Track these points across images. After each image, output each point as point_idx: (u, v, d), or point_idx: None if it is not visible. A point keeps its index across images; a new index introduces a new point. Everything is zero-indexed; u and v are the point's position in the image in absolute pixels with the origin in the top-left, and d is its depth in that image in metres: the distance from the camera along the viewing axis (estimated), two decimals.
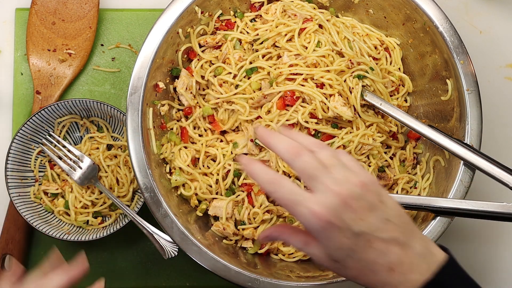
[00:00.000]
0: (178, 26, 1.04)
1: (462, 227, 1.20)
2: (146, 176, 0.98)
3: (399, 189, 1.09)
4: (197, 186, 1.05)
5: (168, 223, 0.97)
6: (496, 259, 1.21)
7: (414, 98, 1.13)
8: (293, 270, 1.02)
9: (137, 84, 1.00)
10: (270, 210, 1.04)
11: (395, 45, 1.12)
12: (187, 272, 1.16)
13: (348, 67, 1.02)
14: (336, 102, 1.01)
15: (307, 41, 1.04)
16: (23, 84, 1.18)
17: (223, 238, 1.06)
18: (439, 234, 0.98)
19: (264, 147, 1.03)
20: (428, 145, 1.10)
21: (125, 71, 1.20)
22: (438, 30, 1.04)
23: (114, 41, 1.21)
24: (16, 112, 1.17)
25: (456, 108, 1.04)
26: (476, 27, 1.26)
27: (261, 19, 1.10)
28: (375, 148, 1.05)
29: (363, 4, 1.11)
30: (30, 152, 1.12)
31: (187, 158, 1.05)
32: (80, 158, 1.11)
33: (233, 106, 1.05)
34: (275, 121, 1.02)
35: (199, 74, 1.08)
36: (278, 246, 1.06)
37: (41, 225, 1.08)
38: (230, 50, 1.07)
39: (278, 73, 1.03)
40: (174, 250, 1.00)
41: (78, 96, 1.19)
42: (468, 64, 1.02)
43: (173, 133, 1.06)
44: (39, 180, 1.13)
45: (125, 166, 1.13)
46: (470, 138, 1.01)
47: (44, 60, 1.17)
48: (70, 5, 1.18)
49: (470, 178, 1.00)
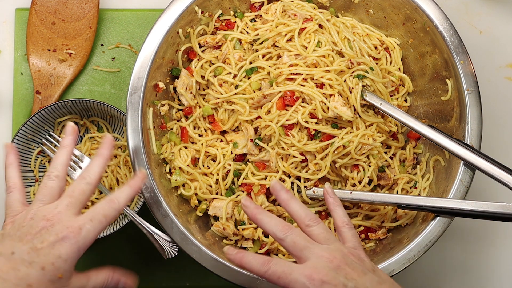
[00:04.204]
0: (178, 26, 1.04)
1: (462, 227, 1.21)
2: (146, 176, 0.98)
3: (399, 189, 1.09)
4: (197, 186, 1.05)
5: (168, 223, 0.97)
6: (496, 259, 1.21)
7: (414, 98, 1.13)
8: None
9: (137, 84, 1.00)
10: (270, 210, 1.04)
11: (395, 45, 1.12)
12: (187, 272, 1.16)
13: (348, 67, 1.02)
14: (336, 102, 1.01)
15: (307, 41, 1.04)
16: (23, 84, 1.18)
17: (223, 238, 1.06)
18: (439, 234, 0.98)
19: (264, 147, 1.03)
20: (428, 145, 1.10)
21: (125, 71, 1.20)
22: (438, 30, 1.04)
23: (114, 41, 1.21)
24: (16, 112, 1.17)
25: (456, 108, 1.04)
26: (476, 27, 1.26)
27: (261, 19, 1.10)
28: (375, 148, 1.05)
29: (363, 4, 1.11)
30: (30, 152, 1.12)
31: (187, 158, 1.05)
32: (80, 158, 1.11)
33: (233, 106, 1.05)
34: (275, 121, 1.02)
35: (199, 74, 1.08)
36: (278, 246, 1.06)
37: None
38: (230, 50, 1.07)
39: (278, 73, 1.03)
40: (174, 250, 1.00)
41: (78, 96, 1.19)
42: (468, 64, 1.03)
43: (173, 133, 1.06)
44: (39, 180, 1.13)
45: (125, 166, 1.13)
46: (470, 138, 1.01)
47: (44, 60, 1.17)
48: (70, 5, 1.18)
49: (470, 178, 1.00)
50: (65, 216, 0.81)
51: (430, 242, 0.98)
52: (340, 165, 1.03)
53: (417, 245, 0.98)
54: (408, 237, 1.01)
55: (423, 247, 0.97)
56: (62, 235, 0.79)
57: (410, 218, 1.05)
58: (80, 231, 0.80)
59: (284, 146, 1.02)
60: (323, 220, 1.07)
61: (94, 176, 0.86)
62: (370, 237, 1.07)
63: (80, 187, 0.85)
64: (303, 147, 1.01)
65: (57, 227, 0.80)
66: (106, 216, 0.83)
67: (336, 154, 1.02)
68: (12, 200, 0.86)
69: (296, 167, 1.03)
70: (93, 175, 0.86)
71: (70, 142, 0.90)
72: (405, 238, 1.01)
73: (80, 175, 0.86)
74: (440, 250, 1.19)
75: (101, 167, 0.88)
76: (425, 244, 0.98)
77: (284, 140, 1.02)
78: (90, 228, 0.81)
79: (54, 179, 0.86)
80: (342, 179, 1.07)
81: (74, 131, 0.91)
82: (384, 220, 1.07)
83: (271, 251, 1.06)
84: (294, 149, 1.02)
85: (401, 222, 1.06)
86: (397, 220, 1.07)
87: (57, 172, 0.86)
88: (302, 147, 1.01)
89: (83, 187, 0.85)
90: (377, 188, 1.09)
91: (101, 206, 0.84)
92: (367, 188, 1.06)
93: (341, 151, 1.02)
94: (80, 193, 0.84)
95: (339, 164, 1.03)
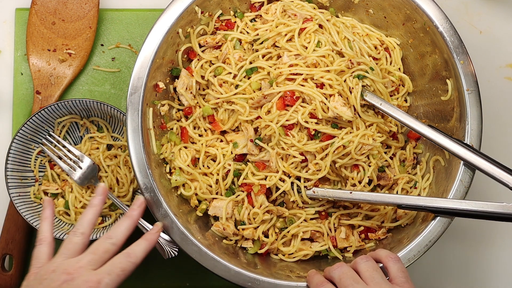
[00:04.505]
0: (178, 26, 1.04)
1: (462, 227, 1.21)
2: (146, 176, 0.98)
3: (399, 189, 1.09)
4: (197, 186, 1.05)
5: (168, 223, 0.97)
6: (496, 259, 1.21)
7: (414, 98, 1.13)
8: (293, 270, 1.02)
9: (137, 84, 1.00)
10: (270, 210, 1.04)
11: (395, 45, 1.12)
12: (187, 272, 1.16)
13: (348, 67, 1.02)
14: (336, 102, 1.01)
15: (307, 41, 1.04)
16: (23, 84, 1.18)
17: (223, 238, 1.06)
18: (439, 234, 0.98)
19: (264, 147, 1.03)
20: (428, 145, 1.10)
21: (125, 71, 1.20)
22: (438, 30, 1.04)
23: (114, 41, 1.21)
24: (16, 112, 1.17)
25: (456, 108, 1.04)
26: (476, 27, 1.26)
27: (261, 19, 1.10)
28: (375, 148, 1.05)
29: (363, 4, 1.11)
30: (30, 152, 1.12)
31: (187, 158, 1.05)
32: (80, 158, 1.11)
33: (233, 106, 1.05)
34: (275, 121, 1.02)
35: (199, 74, 1.08)
36: (278, 246, 1.06)
37: None
38: (230, 50, 1.07)
39: (278, 73, 1.03)
40: (174, 250, 1.00)
41: (78, 96, 1.19)
42: (468, 64, 1.02)
43: (173, 133, 1.06)
44: (39, 180, 1.13)
45: (125, 166, 1.13)
46: (470, 138, 1.01)
47: (44, 60, 1.17)
48: (70, 5, 1.18)
49: (470, 178, 1.00)
50: (85, 271, 0.84)
51: (430, 242, 0.98)
52: (340, 165, 1.03)
53: (417, 245, 0.98)
54: (408, 237, 1.01)
55: (423, 247, 0.97)
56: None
57: (410, 218, 1.05)
58: (99, 285, 0.83)
59: (284, 146, 1.02)
60: (323, 220, 1.07)
61: (121, 237, 0.90)
62: (370, 237, 1.07)
63: (105, 245, 0.88)
64: (303, 147, 1.01)
65: (77, 282, 0.83)
66: (124, 270, 0.86)
67: (336, 154, 1.02)
68: (40, 252, 0.89)
69: (296, 167, 1.03)
70: (119, 236, 0.90)
71: (99, 202, 0.94)
72: (405, 238, 1.01)
73: (107, 234, 0.90)
74: (440, 250, 1.19)
75: (128, 230, 0.91)
76: (425, 244, 0.98)
77: (284, 140, 1.02)
78: (109, 282, 0.84)
79: (80, 236, 0.89)
80: (342, 179, 1.07)
81: (104, 192, 0.94)
82: (384, 220, 1.07)
83: (271, 251, 1.06)
84: (294, 149, 1.02)
85: (401, 222, 1.06)
86: (397, 220, 1.07)
87: (83, 230, 0.90)
88: (302, 147, 1.01)
89: (108, 246, 0.88)
90: (377, 188, 1.09)
91: (119, 260, 0.87)
92: (367, 188, 1.06)
93: (341, 151, 1.02)
94: (103, 251, 0.88)
95: (339, 164, 1.03)
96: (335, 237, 1.06)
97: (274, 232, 1.06)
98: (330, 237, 1.06)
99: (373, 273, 0.88)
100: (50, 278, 0.84)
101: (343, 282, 0.87)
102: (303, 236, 1.06)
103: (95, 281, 0.83)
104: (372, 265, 0.90)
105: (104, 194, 0.94)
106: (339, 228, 1.07)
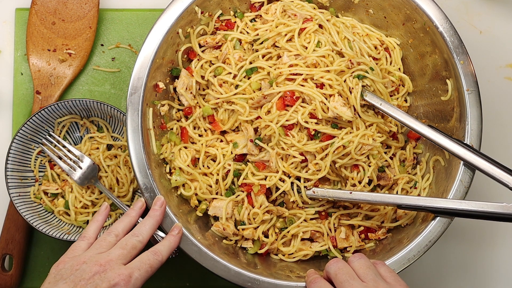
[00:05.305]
0: (178, 26, 1.04)
1: (462, 227, 1.21)
2: (146, 176, 0.98)
3: (399, 189, 1.09)
4: (197, 186, 1.05)
5: (168, 223, 0.97)
6: (496, 259, 1.21)
7: (414, 98, 1.13)
8: (293, 270, 1.02)
9: (137, 84, 1.00)
10: (270, 210, 1.04)
11: (395, 45, 1.12)
12: (187, 272, 1.16)
13: (348, 67, 1.02)
14: (336, 102, 1.01)
15: (307, 41, 1.04)
16: (23, 84, 1.18)
17: (223, 238, 1.06)
18: (439, 234, 0.98)
19: (264, 148, 1.03)
20: (428, 145, 1.10)
21: (125, 71, 1.20)
22: (438, 30, 1.04)
23: (114, 41, 1.21)
24: (16, 112, 1.17)
25: (456, 108, 1.04)
26: (476, 27, 1.26)
27: (261, 19, 1.10)
28: (375, 148, 1.05)
29: (363, 4, 1.11)
30: (30, 152, 1.12)
31: (187, 158, 1.05)
32: (80, 158, 1.11)
33: (233, 106, 1.05)
34: (275, 122, 1.02)
35: (199, 74, 1.08)
36: (278, 246, 1.06)
37: (41, 225, 1.08)
38: (230, 50, 1.07)
39: (278, 73, 1.03)
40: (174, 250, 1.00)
41: (78, 96, 1.19)
42: (468, 64, 1.02)
43: (173, 133, 1.06)
44: (39, 180, 1.13)
45: (125, 166, 1.13)
46: (470, 138, 1.01)
47: (44, 60, 1.17)
48: (70, 5, 1.18)
49: (470, 178, 1.00)
50: (116, 264, 0.88)
51: (430, 242, 0.98)
52: (340, 165, 1.03)
53: (417, 245, 0.98)
54: (408, 237, 1.01)
55: (423, 247, 0.97)
56: (114, 282, 0.86)
57: (410, 218, 1.05)
58: (130, 279, 0.87)
59: (284, 146, 1.02)
60: (323, 220, 1.07)
61: (146, 235, 0.94)
62: (370, 237, 1.07)
63: (132, 242, 0.92)
64: (303, 147, 1.01)
65: (109, 274, 0.86)
66: (152, 267, 0.90)
67: (336, 154, 1.02)
68: (78, 246, 0.93)
69: (296, 167, 1.03)
70: (145, 234, 0.94)
71: (135, 214, 0.98)
72: (405, 238, 1.01)
73: (132, 232, 0.94)
74: (440, 250, 1.19)
75: (152, 228, 0.95)
76: (425, 244, 0.98)
77: (284, 140, 1.02)
78: (139, 277, 0.88)
79: (114, 237, 0.93)
80: (342, 179, 1.07)
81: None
82: (384, 220, 1.07)
83: (271, 251, 1.06)
84: (294, 149, 1.02)
85: (401, 222, 1.06)
86: (397, 220, 1.07)
87: (117, 232, 0.94)
88: (302, 147, 1.01)
89: (135, 243, 0.92)
90: (377, 188, 1.09)
91: (147, 257, 0.91)
92: (367, 188, 1.06)
93: (341, 151, 1.02)
94: (132, 247, 0.91)
95: (339, 164, 1.03)
96: (335, 237, 1.06)
97: (274, 232, 1.06)
98: (330, 237, 1.06)
99: (366, 270, 0.89)
100: (81, 269, 0.87)
101: (339, 278, 0.88)
102: (303, 236, 1.06)
103: (126, 275, 0.86)
104: (365, 263, 0.91)
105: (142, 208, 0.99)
106: (339, 228, 1.07)
